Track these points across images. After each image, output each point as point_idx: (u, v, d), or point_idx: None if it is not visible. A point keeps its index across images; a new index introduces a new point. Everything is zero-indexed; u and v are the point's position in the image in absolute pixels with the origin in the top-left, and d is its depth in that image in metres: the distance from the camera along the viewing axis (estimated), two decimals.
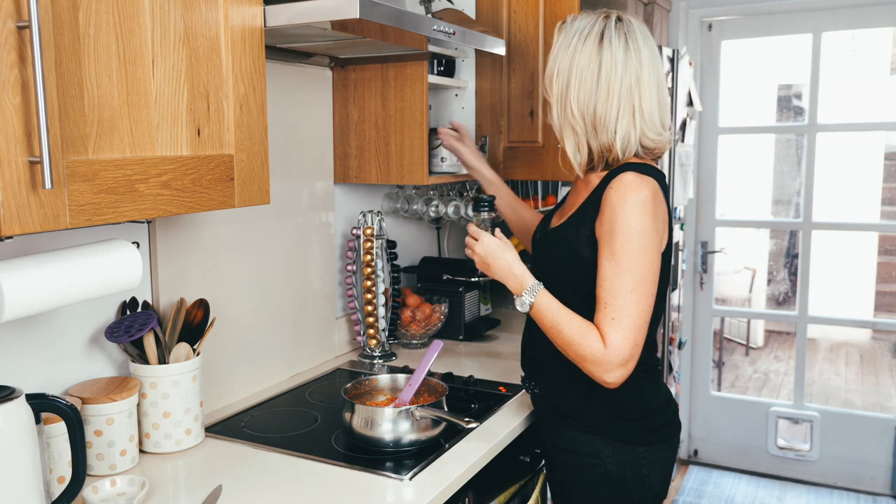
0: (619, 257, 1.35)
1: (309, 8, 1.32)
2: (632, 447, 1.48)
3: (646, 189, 1.38)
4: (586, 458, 1.50)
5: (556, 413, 1.55)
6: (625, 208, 1.36)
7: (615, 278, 1.35)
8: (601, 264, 1.38)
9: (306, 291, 2.03)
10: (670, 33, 3.46)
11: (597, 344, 1.35)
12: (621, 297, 1.35)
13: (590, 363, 1.36)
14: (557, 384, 1.53)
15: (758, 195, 5.72)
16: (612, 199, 1.38)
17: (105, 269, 1.22)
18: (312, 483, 1.36)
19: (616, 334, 1.34)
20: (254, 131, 1.29)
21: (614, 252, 1.36)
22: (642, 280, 1.35)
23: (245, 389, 1.83)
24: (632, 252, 1.35)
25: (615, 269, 1.35)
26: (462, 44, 1.67)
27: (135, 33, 1.07)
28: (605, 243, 1.38)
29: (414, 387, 1.56)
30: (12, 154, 0.89)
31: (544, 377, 1.57)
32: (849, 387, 5.04)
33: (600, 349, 1.35)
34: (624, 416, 1.48)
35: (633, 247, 1.35)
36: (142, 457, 1.46)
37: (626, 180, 1.38)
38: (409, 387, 1.57)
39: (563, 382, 1.51)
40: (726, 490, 3.57)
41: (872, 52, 5.36)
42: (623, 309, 1.34)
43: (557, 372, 1.51)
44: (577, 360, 1.38)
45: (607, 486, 1.48)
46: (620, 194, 1.37)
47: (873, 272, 5.71)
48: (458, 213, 2.38)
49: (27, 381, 1.34)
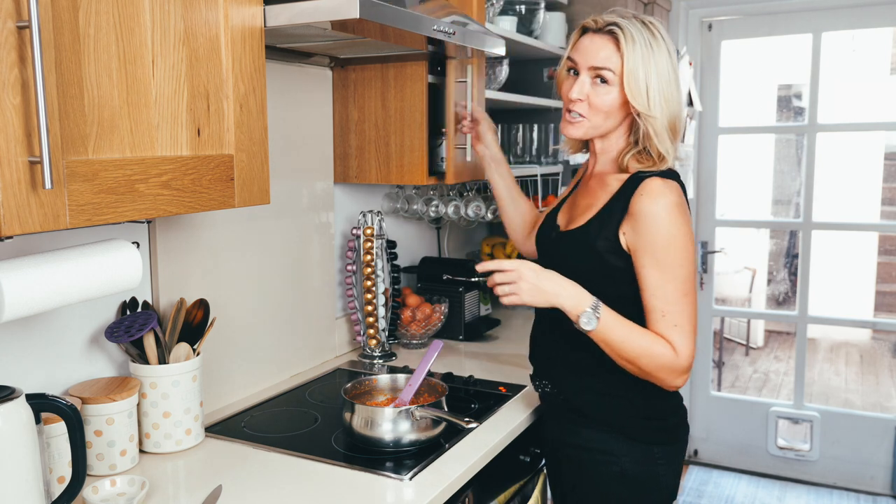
0: (664, 264, 1.36)
1: (309, 8, 1.32)
2: (647, 446, 1.48)
3: (674, 193, 1.39)
4: (601, 455, 1.49)
5: (572, 411, 1.54)
6: (660, 215, 1.36)
7: (666, 286, 1.37)
8: (645, 273, 1.38)
9: (306, 291, 2.03)
10: (670, 33, 3.46)
11: (668, 352, 1.37)
12: (676, 303, 1.37)
13: (665, 372, 1.38)
14: (576, 382, 1.52)
15: (758, 195, 5.73)
16: (645, 206, 1.37)
17: (105, 269, 1.22)
18: (312, 483, 1.36)
19: (682, 340, 1.37)
20: (254, 131, 1.29)
21: (658, 260, 1.37)
22: (689, 283, 1.38)
23: (245, 389, 1.83)
24: (675, 258, 1.36)
25: (663, 277, 1.37)
26: (462, 44, 1.67)
27: (135, 33, 1.07)
28: (645, 252, 1.38)
29: (414, 387, 1.56)
30: (12, 154, 0.89)
31: (561, 375, 1.56)
32: (849, 387, 5.04)
33: (673, 356, 1.37)
34: (641, 414, 1.48)
35: (676, 252, 1.36)
36: (142, 457, 1.46)
37: (654, 186, 1.39)
38: (408, 387, 1.57)
39: (582, 380, 1.51)
40: (726, 490, 3.57)
41: (872, 52, 5.36)
42: (682, 314, 1.37)
43: (577, 370, 1.51)
44: (649, 369, 1.39)
45: (623, 484, 1.49)
46: (653, 201, 1.37)
47: (873, 272, 5.71)
48: (458, 213, 2.38)
49: (27, 381, 1.34)
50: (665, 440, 1.50)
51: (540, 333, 1.63)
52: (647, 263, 1.38)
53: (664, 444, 1.50)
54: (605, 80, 1.43)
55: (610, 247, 1.42)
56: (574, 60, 1.47)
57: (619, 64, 1.41)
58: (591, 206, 1.50)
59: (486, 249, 2.86)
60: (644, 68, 1.40)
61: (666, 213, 1.37)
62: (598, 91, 1.44)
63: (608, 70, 1.42)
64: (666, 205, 1.37)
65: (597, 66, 1.43)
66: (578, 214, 1.53)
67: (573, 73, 1.49)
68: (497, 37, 1.82)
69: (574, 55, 1.48)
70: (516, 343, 2.35)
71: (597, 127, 1.47)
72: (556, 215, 1.63)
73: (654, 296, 1.38)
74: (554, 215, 1.63)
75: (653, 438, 1.49)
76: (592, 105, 1.45)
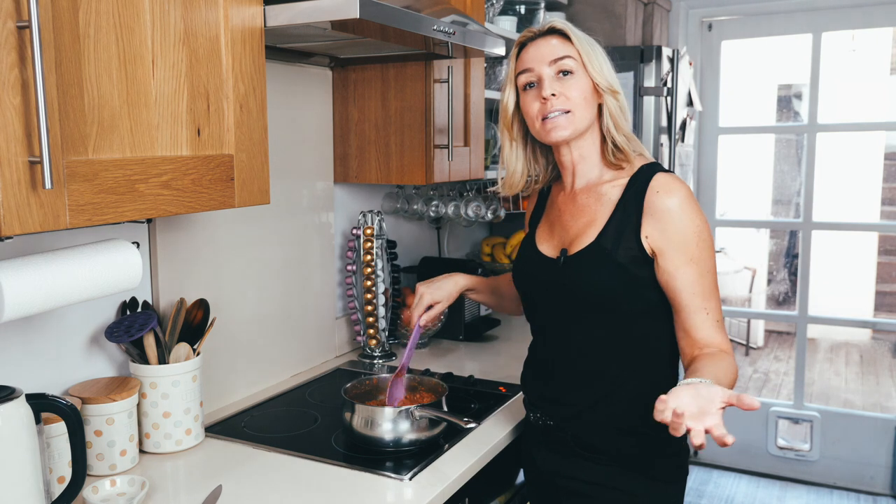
0: (698, 258, 1.32)
1: (309, 8, 1.32)
2: (665, 484, 1.43)
3: (683, 183, 1.37)
4: (616, 493, 1.41)
5: (582, 447, 1.43)
6: (684, 208, 1.33)
7: (703, 280, 1.33)
8: (681, 273, 1.32)
9: (306, 291, 2.03)
10: (670, 33, 3.46)
11: (734, 362, 1.32)
12: (713, 296, 1.34)
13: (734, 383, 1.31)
14: (590, 419, 1.42)
15: (758, 195, 5.73)
16: (668, 202, 1.33)
17: (105, 269, 1.22)
18: (312, 483, 1.36)
19: (724, 336, 1.35)
20: (254, 131, 1.29)
21: (693, 255, 1.32)
22: (716, 274, 1.36)
23: (245, 389, 1.83)
24: (707, 249, 1.34)
25: (699, 271, 1.32)
26: (462, 44, 1.66)
27: (135, 33, 1.07)
28: (678, 250, 1.32)
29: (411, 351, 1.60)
30: (12, 154, 0.89)
31: (572, 412, 1.44)
32: (849, 387, 5.04)
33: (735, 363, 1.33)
34: (661, 452, 1.41)
35: (706, 244, 1.34)
36: (142, 457, 1.46)
37: (667, 181, 1.35)
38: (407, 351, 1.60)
39: (597, 417, 1.41)
40: (726, 490, 3.57)
41: (872, 52, 5.36)
42: (719, 308, 1.35)
43: (591, 406, 1.41)
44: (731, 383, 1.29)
45: None
46: (673, 195, 1.33)
47: (873, 272, 5.71)
48: (458, 212, 2.38)
49: (27, 381, 1.34)
50: (681, 477, 1.46)
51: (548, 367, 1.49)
52: (682, 262, 1.32)
53: (680, 482, 1.46)
54: (568, 71, 1.39)
55: (634, 256, 1.34)
56: (529, 69, 1.41)
57: (575, 51, 1.39)
58: (591, 223, 1.41)
59: (486, 249, 2.87)
60: (592, 50, 1.41)
61: (688, 206, 1.33)
62: (567, 83, 1.39)
63: (569, 58, 1.39)
64: (685, 197, 1.34)
65: (557, 58, 1.39)
66: (576, 235, 1.42)
67: (529, 87, 1.42)
68: (497, 37, 1.82)
69: (525, 65, 1.42)
70: (516, 343, 2.35)
71: (580, 119, 1.40)
72: (534, 244, 1.52)
73: (694, 293, 1.32)
74: (532, 245, 1.52)
75: (672, 477, 1.44)
76: (571, 98, 1.39)
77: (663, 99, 2.91)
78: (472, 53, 1.85)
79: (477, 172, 2.16)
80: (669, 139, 2.96)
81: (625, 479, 1.40)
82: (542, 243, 1.50)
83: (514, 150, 1.51)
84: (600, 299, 1.37)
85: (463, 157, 2.08)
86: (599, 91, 1.40)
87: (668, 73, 2.91)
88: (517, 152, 1.51)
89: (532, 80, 1.41)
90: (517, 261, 1.58)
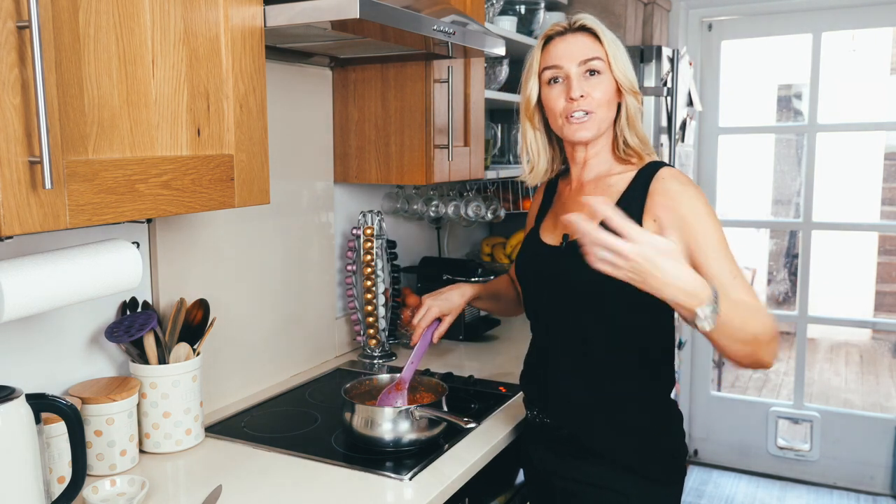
0: (720, 244, 1.30)
1: (309, 8, 1.32)
2: (662, 487, 1.43)
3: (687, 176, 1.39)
4: (610, 493, 1.41)
5: (578, 447, 1.44)
6: (693, 197, 1.34)
7: (727, 263, 1.28)
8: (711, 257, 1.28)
9: (306, 291, 2.03)
10: (670, 33, 3.46)
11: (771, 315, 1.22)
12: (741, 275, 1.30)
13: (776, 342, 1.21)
14: (587, 417, 1.43)
15: (758, 195, 5.73)
16: (672, 184, 1.35)
17: (105, 269, 1.22)
18: (312, 483, 1.36)
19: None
20: (254, 131, 1.29)
21: (714, 241, 1.29)
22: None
23: (245, 389, 1.83)
24: (722, 233, 1.32)
25: (725, 254, 1.29)
26: (462, 44, 1.66)
27: (135, 33, 1.07)
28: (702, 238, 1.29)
29: (415, 364, 1.59)
30: (12, 154, 0.89)
31: (570, 410, 1.45)
32: (849, 387, 5.04)
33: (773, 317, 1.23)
34: (657, 452, 1.42)
35: (720, 229, 1.32)
36: (142, 457, 1.46)
37: (671, 174, 1.38)
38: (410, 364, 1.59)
39: (595, 415, 1.42)
40: (726, 490, 3.57)
41: (872, 52, 5.36)
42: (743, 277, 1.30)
43: (590, 405, 1.42)
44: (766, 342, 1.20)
45: None
46: (678, 179, 1.36)
47: (873, 272, 5.71)
48: (458, 213, 2.38)
49: (27, 381, 1.34)
50: (678, 478, 1.46)
51: (543, 362, 1.50)
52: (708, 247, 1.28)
53: (677, 484, 1.46)
54: (596, 71, 1.41)
55: None
56: (557, 66, 1.42)
57: (603, 52, 1.41)
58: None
59: (486, 249, 2.87)
60: (618, 50, 1.42)
61: (695, 195, 1.34)
62: (593, 83, 1.41)
63: (598, 59, 1.40)
64: (689, 185, 1.36)
65: (587, 59, 1.40)
66: None
67: (554, 82, 1.43)
68: (497, 37, 1.82)
69: (554, 61, 1.42)
70: (516, 343, 2.35)
71: (603, 120, 1.42)
72: (537, 235, 1.54)
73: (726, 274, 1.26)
74: (536, 236, 1.54)
75: (668, 478, 1.44)
76: (594, 98, 1.41)
77: (663, 99, 2.91)
78: (472, 53, 1.85)
79: (477, 172, 2.16)
80: (669, 139, 2.96)
81: (620, 481, 1.40)
82: (546, 234, 1.52)
83: (537, 140, 1.53)
84: (601, 286, 1.31)
85: (463, 157, 2.08)
86: (622, 91, 1.43)
87: (668, 73, 2.91)
88: (541, 141, 1.54)
89: (558, 76, 1.43)
90: (520, 253, 1.59)
